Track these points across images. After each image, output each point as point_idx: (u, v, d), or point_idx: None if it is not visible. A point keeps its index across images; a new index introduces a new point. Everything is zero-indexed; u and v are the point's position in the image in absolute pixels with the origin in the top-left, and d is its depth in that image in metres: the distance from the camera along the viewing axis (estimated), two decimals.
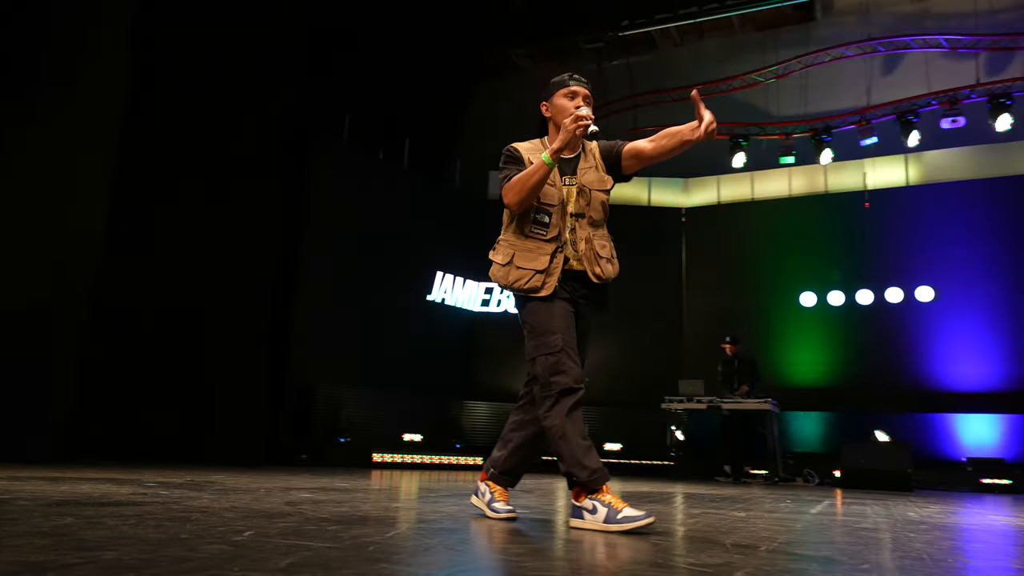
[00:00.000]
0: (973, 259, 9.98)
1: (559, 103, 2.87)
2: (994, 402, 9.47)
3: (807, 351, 10.65)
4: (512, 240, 2.81)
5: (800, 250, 10.95)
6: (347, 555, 1.72)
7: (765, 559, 1.99)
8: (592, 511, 2.53)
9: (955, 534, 3.01)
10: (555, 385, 2.61)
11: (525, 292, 2.73)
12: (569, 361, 2.63)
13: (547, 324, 2.68)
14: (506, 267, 2.78)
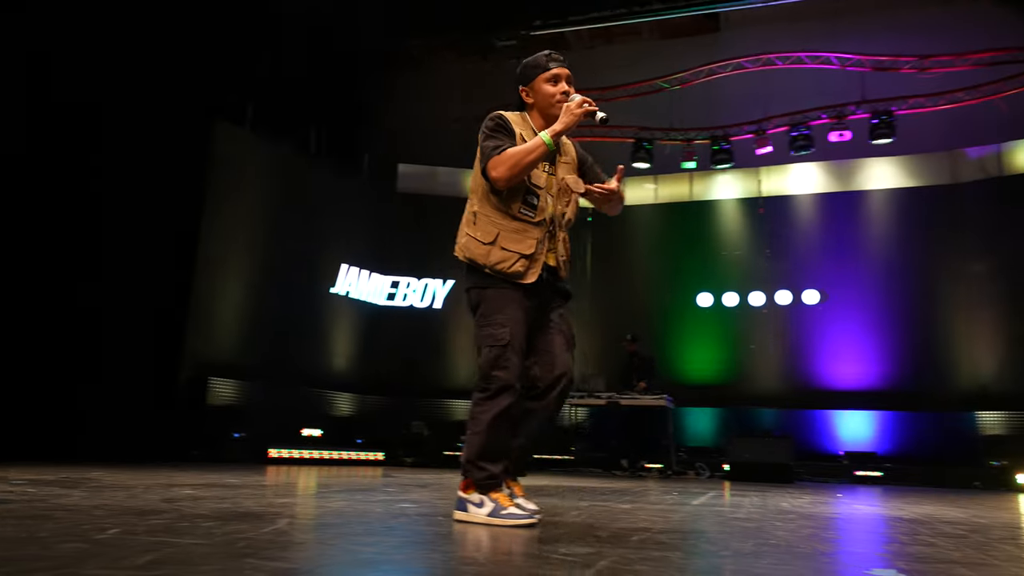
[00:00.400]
0: (857, 265, 10.62)
1: (543, 89, 2.71)
2: (869, 399, 10.13)
3: (703, 350, 11.08)
4: (495, 218, 2.62)
5: (699, 252, 11.38)
6: (215, 551, 1.69)
7: (633, 547, 2.08)
8: (479, 504, 2.54)
9: (818, 522, 3.21)
10: (495, 380, 2.53)
11: (506, 276, 2.58)
12: (515, 358, 2.54)
13: (500, 316, 2.56)
14: (488, 246, 2.60)
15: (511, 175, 2.54)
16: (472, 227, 2.67)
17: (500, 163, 2.54)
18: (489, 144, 2.62)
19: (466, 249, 2.66)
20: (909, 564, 1.99)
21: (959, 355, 9.93)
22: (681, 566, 1.80)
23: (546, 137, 2.55)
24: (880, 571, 1.85)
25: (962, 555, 2.21)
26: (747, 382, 10.75)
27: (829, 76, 11.35)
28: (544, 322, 2.71)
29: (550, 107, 2.69)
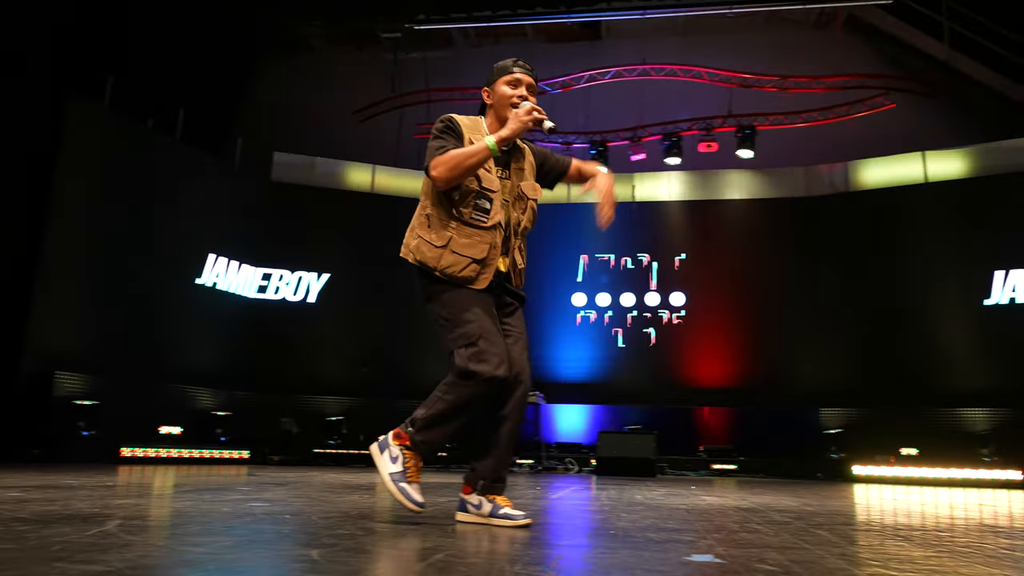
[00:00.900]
0: (719, 269, 11.23)
1: (501, 91, 2.68)
2: (727, 396, 10.75)
3: (575, 348, 11.39)
4: (445, 219, 2.58)
5: (574, 253, 11.68)
6: (22, 556, 1.59)
7: (473, 540, 2.12)
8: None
9: (661, 513, 3.38)
10: (476, 375, 2.45)
11: (458, 282, 2.54)
12: (493, 347, 2.48)
13: (466, 315, 2.52)
14: (440, 249, 2.55)
15: (450, 176, 2.49)
16: (425, 230, 2.61)
17: (441, 163, 2.50)
18: (434, 144, 2.58)
19: (417, 251, 2.61)
20: (728, 549, 2.13)
21: (807, 356, 10.70)
22: (513, 557, 1.85)
23: (490, 141, 2.53)
24: (698, 557, 1.97)
25: (779, 540, 2.39)
26: (617, 380, 11.14)
27: (699, 90, 11.95)
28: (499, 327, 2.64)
29: (504, 108, 2.66)
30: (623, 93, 12.28)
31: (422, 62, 12.90)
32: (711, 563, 1.87)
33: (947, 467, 8.89)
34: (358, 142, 12.26)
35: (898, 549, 2.27)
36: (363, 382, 10.36)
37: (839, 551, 2.15)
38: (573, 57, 12.61)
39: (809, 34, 12.34)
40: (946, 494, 6.47)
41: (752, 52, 12.05)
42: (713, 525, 2.87)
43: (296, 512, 2.87)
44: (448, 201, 2.57)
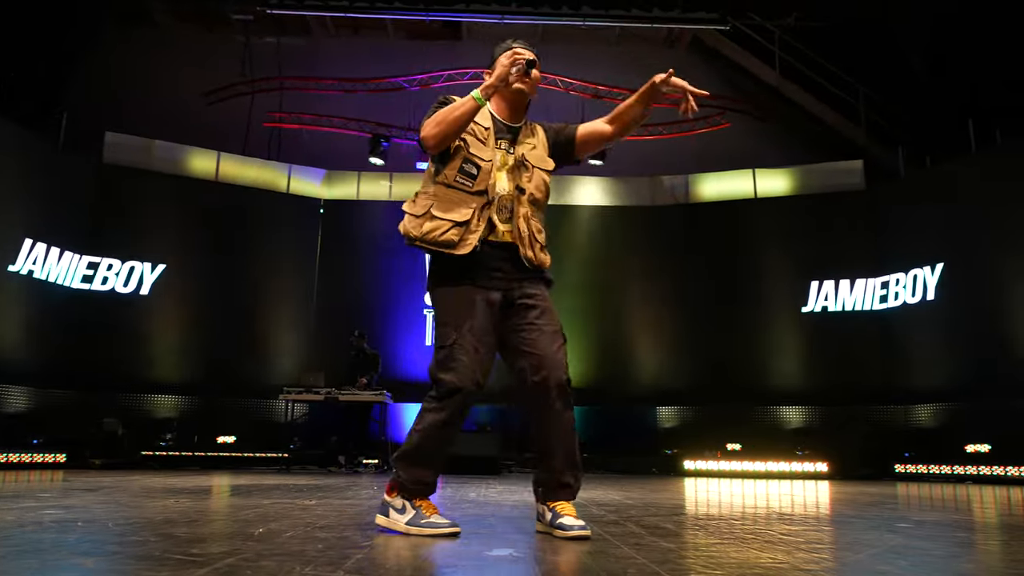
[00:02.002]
0: (570, 273, 11.57)
1: (501, 62, 2.60)
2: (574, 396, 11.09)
3: (424, 347, 11.36)
4: (432, 191, 2.50)
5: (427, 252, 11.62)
6: None
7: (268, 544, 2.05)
8: (400, 510, 2.43)
9: (485, 509, 3.44)
10: (442, 384, 2.39)
11: (439, 246, 2.40)
12: (464, 358, 2.37)
13: (447, 316, 2.43)
14: (420, 218, 2.45)
15: (438, 131, 2.42)
16: (410, 204, 2.54)
17: (429, 122, 2.45)
18: (427, 114, 2.51)
19: (403, 227, 2.50)
20: (530, 543, 2.20)
21: (645, 357, 11.26)
22: (308, 559, 1.82)
23: (476, 94, 2.45)
24: (498, 551, 2.02)
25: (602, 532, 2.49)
26: None
27: (554, 97, 12.27)
28: (519, 318, 2.52)
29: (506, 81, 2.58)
30: None
31: (276, 48, 12.42)
32: (505, 556, 1.92)
33: (765, 461, 9.64)
34: (203, 127, 11.59)
35: (692, 537, 2.43)
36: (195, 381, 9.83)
37: (634, 541, 2.27)
38: (432, 55, 12.58)
39: (658, 51, 13.00)
40: (763, 486, 7.01)
41: (605, 65, 12.53)
42: (531, 522, 2.95)
43: (92, 520, 2.66)
44: (437, 175, 2.52)
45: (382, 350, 10.02)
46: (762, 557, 1.98)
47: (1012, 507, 4.23)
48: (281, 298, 10.88)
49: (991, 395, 8.73)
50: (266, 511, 3.12)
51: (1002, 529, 2.92)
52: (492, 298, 2.48)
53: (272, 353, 10.62)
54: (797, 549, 2.13)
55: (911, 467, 9.00)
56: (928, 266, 9.76)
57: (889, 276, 10.29)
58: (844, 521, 3.18)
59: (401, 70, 12.36)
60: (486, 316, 2.46)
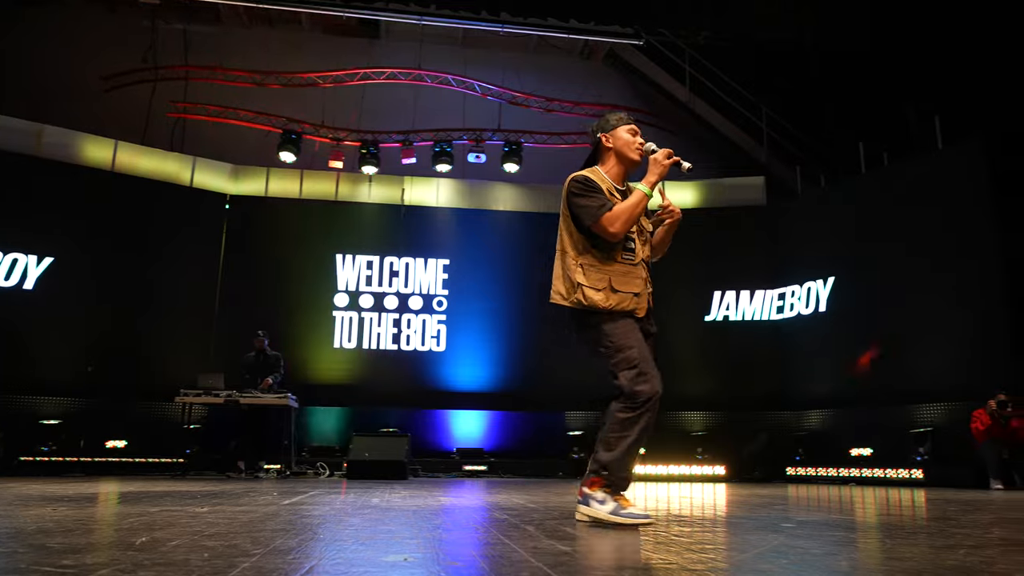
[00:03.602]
0: (481, 277, 11.59)
1: (624, 136, 3.10)
2: (480, 400, 11.12)
3: (333, 350, 11.12)
4: (599, 265, 2.96)
5: (333, 253, 11.39)
6: None
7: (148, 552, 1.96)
8: (602, 502, 2.86)
9: (384, 514, 3.38)
10: (640, 395, 2.85)
11: (624, 314, 2.94)
12: (651, 370, 2.88)
13: (625, 340, 2.91)
14: (603, 291, 2.93)
15: (626, 228, 2.92)
16: (584, 278, 2.96)
17: (615, 219, 2.89)
18: (591, 203, 2.93)
19: (585, 299, 2.94)
20: (426, 547, 2.18)
21: (556, 362, 11.37)
22: (191, 568, 1.74)
23: (646, 189, 2.94)
24: (393, 556, 1.99)
25: (481, 536, 2.49)
26: (376, 382, 11.04)
27: (472, 101, 12.29)
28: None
29: (629, 152, 3.09)
30: (398, 95, 12.29)
31: (183, 35, 11.94)
32: (399, 561, 1.90)
33: (667, 464, 9.93)
34: (100, 114, 11.00)
35: (588, 539, 2.46)
36: (88, 381, 9.29)
37: (532, 544, 2.28)
38: (348, 52, 12.38)
39: (574, 62, 13.22)
40: (664, 488, 7.20)
41: (523, 72, 12.65)
42: (431, 525, 2.92)
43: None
44: (596, 248, 2.98)
45: (290, 352, 9.76)
46: (653, 558, 2.02)
47: (890, 507, 4.49)
48: (181, 296, 10.43)
49: (874, 402, 9.28)
50: (152, 519, 2.97)
51: (878, 528, 3.10)
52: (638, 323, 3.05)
53: (169, 354, 10.16)
54: (687, 550, 2.20)
55: (801, 469, 9.46)
56: (821, 279, 10.29)
57: (786, 288, 10.80)
58: (735, 522, 3.30)
59: (316, 66, 12.10)
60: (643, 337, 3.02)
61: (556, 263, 3.12)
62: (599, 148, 3.18)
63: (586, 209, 2.94)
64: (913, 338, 9.14)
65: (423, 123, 11.99)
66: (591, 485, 2.91)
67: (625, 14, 12.10)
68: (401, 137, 11.86)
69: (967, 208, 8.78)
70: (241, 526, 2.78)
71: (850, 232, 10.03)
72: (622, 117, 3.19)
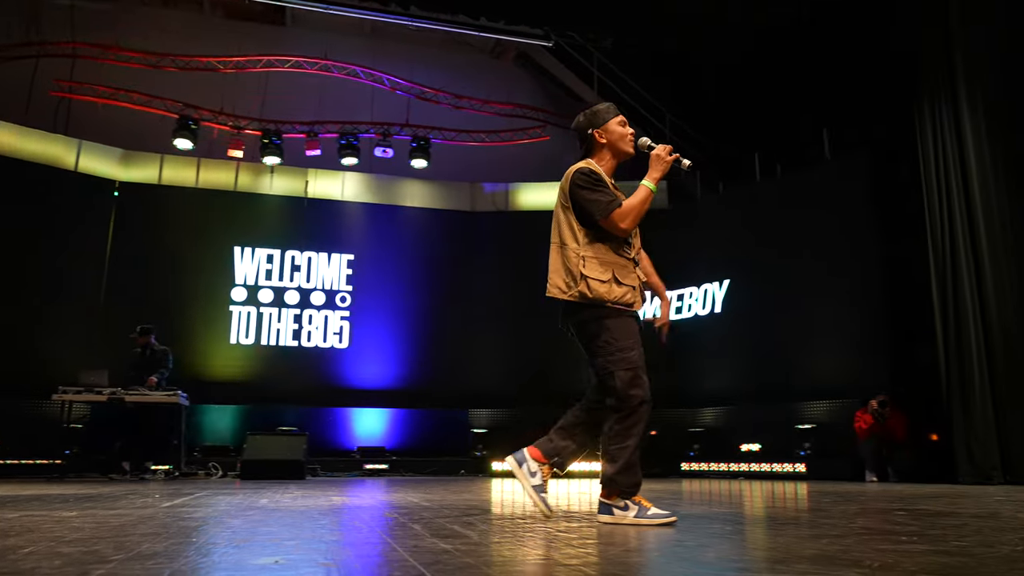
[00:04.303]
0: (387, 273, 11.44)
1: (617, 129, 3.12)
2: (383, 398, 10.98)
3: (229, 346, 10.73)
4: (602, 258, 2.96)
5: (231, 245, 10.98)
6: None
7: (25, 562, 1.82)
8: (624, 508, 2.90)
9: (270, 515, 3.28)
10: (634, 399, 2.88)
11: (625, 306, 2.93)
12: (645, 376, 2.91)
13: (626, 340, 2.91)
14: (607, 283, 2.92)
15: (634, 224, 2.96)
16: (588, 270, 2.93)
17: (626, 216, 2.92)
18: (600, 198, 2.95)
19: (590, 291, 2.91)
20: (305, 548, 2.12)
21: (461, 360, 11.37)
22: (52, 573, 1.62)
23: (652, 186, 2.97)
24: (264, 559, 1.92)
25: (359, 537, 2.44)
26: (275, 379, 10.73)
27: (380, 95, 12.12)
28: None
29: (623, 144, 3.13)
30: (303, 85, 11.96)
31: (70, 10, 11.22)
32: (269, 564, 1.83)
33: None
34: None
35: (472, 537, 2.45)
36: None
37: (413, 543, 2.26)
38: (251, 38, 11.95)
39: (485, 60, 13.23)
40: (564, 485, 7.29)
41: (433, 67, 12.56)
42: (315, 526, 2.85)
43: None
44: (600, 241, 2.98)
45: (184, 348, 9.36)
46: (531, 554, 2.04)
47: (775, 500, 4.71)
48: (63, 288, 9.82)
49: (762, 399, 9.71)
50: (10, 525, 2.77)
51: (754, 520, 3.23)
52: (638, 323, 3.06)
53: (49, 349, 9.55)
54: (568, 545, 2.22)
55: (695, 465, 9.79)
56: (717, 281, 10.69)
57: (684, 289, 11.15)
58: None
59: (216, 50, 11.63)
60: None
61: (553, 256, 3.07)
62: (592, 144, 3.17)
63: (596, 203, 2.95)
64: (800, 340, 9.61)
65: (329, 115, 11.72)
66: (608, 495, 2.95)
67: (535, 15, 12.19)
68: (306, 128, 11.55)
69: (852, 217, 9.31)
70: (109, 531, 2.63)
71: (745, 236, 10.46)
72: (611, 109, 3.18)
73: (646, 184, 2.98)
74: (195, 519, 3.12)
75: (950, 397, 7.42)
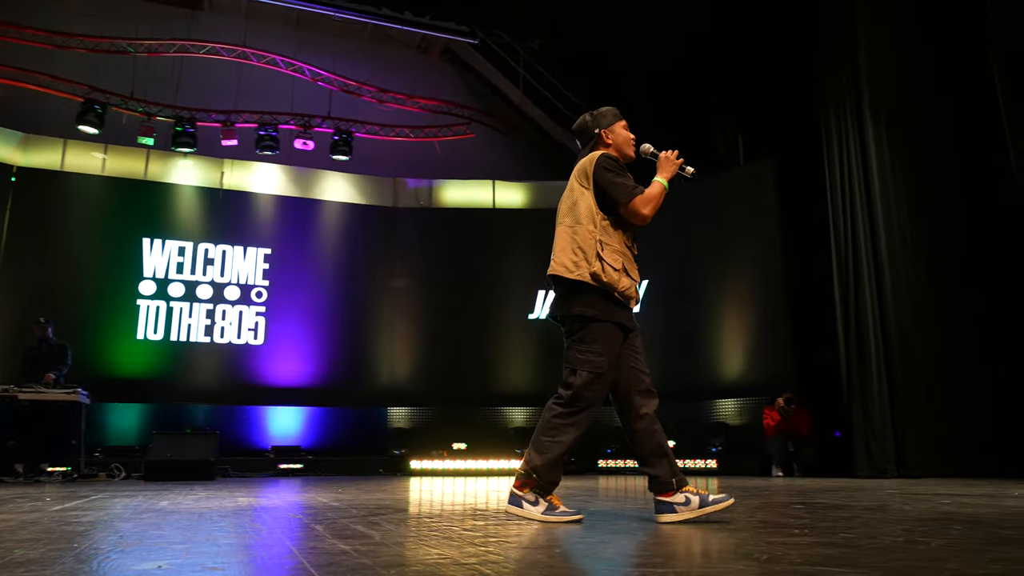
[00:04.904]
0: (304, 268, 11.17)
1: (622, 133, 3.17)
2: (299, 396, 10.72)
3: (136, 342, 10.27)
4: (615, 246, 2.94)
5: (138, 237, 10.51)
6: None
7: None
8: (534, 503, 2.92)
9: (165, 517, 3.14)
10: (583, 400, 2.87)
11: (626, 299, 2.93)
12: (603, 387, 2.91)
13: (600, 347, 2.87)
14: (618, 272, 2.90)
15: (653, 213, 2.94)
16: (603, 255, 2.89)
17: (647, 203, 2.93)
18: (626, 182, 2.96)
19: (604, 274, 2.86)
20: (196, 552, 2.03)
21: (380, 358, 11.23)
22: None
23: (665, 183, 2.99)
24: (146, 564, 1.83)
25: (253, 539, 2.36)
26: (183, 377, 10.34)
27: (301, 86, 11.83)
28: (630, 344, 2.99)
29: (627, 148, 3.16)
30: (220, 73, 11.56)
31: None
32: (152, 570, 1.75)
33: (488, 459, 10.09)
34: None
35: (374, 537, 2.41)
36: None
37: (312, 544, 2.19)
38: (166, 22, 11.47)
39: (411, 56, 13.09)
40: (483, 483, 7.27)
41: (357, 60, 12.34)
42: (212, 528, 2.74)
43: None
44: (615, 230, 2.96)
45: (87, 344, 8.91)
46: (431, 553, 2.01)
47: None
48: None
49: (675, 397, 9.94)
50: None
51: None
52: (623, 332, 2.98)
53: None
54: (470, 544, 2.20)
55: (611, 462, 9.95)
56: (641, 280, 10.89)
57: None
58: None
59: (127, 32, 11.11)
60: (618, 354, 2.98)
61: (563, 235, 3.00)
62: (598, 143, 3.17)
63: (621, 187, 2.95)
64: (711, 339, 9.90)
65: (247, 104, 11.36)
66: (521, 487, 2.94)
67: (463, 12, 12.15)
68: (222, 117, 11.16)
69: (762, 221, 9.64)
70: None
71: (663, 237, 10.69)
72: (616, 113, 3.22)
73: (660, 180, 3.01)
74: (83, 523, 2.96)
75: (850, 396, 7.78)
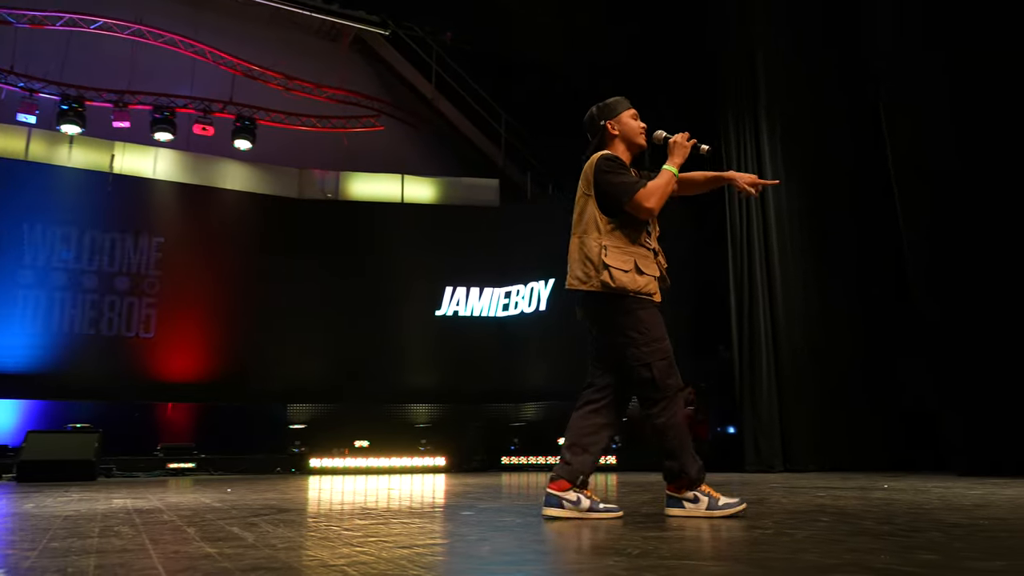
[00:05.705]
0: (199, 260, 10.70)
1: (630, 122, 3.06)
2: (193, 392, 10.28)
3: (12, 333, 9.60)
4: (624, 247, 2.90)
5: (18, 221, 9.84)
6: None
7: None
8: (694, 500, 2.82)
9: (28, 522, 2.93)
10: (670, 388, 2.83)
11: (647, 295, 2.87)
12: (675, 364, 2.88)
13: (658, 331, 2.87)
14: (630, 273, 2.85)
15: (659, 205, 2.89)
16: (609, 258, 2.85)
17: (650, 195, 2.86)
18: (625, 180, 2.90)
19: (613, 280, 2.82)
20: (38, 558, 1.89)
21: (280, 353, 10.89)
22: None
23: (674, 169, 2.93)
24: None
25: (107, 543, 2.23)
26: (65, 372, 9.73)
27: (201, 68, 11.34)
28: None
29: (636, 137, 3.06)
30: (112, 50, 10.93)
31: None
32: None
33: (390, 456, 9.95)
34: None
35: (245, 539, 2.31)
36: None
37: (175, 548, 2.08)
38: None
39: (319, 43, 12.76)
40: (383, 481, 7.15)
41: (260, 45, 11.92)
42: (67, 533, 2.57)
43: None
44: (620, 231, 2.91)
45: None
46: (303, 556, 1.94)
47: None
48: None
49: None
50: None
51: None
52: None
53: None
54: (346, 544, 2.15)
55: (515, 459, 10.01)
56: (543, 280, 11.00)
57: (512, 287, 11.38)
58: (420, 512, 3.33)
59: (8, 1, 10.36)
60: None
61: (574, 246, 2.99)
62: (604, 136, 3.09)
63: (620, 187, 2.89)
64: None
65: (141, 85, 10.79)
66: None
67: (374, 1, 11.91)
68: (114, 97, 10.56)
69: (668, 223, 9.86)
70: None
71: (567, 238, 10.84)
72: (623, 102, 3.12)
73: (668, 168, 2.95)
74: None
75: (742, 395, 8.09)
